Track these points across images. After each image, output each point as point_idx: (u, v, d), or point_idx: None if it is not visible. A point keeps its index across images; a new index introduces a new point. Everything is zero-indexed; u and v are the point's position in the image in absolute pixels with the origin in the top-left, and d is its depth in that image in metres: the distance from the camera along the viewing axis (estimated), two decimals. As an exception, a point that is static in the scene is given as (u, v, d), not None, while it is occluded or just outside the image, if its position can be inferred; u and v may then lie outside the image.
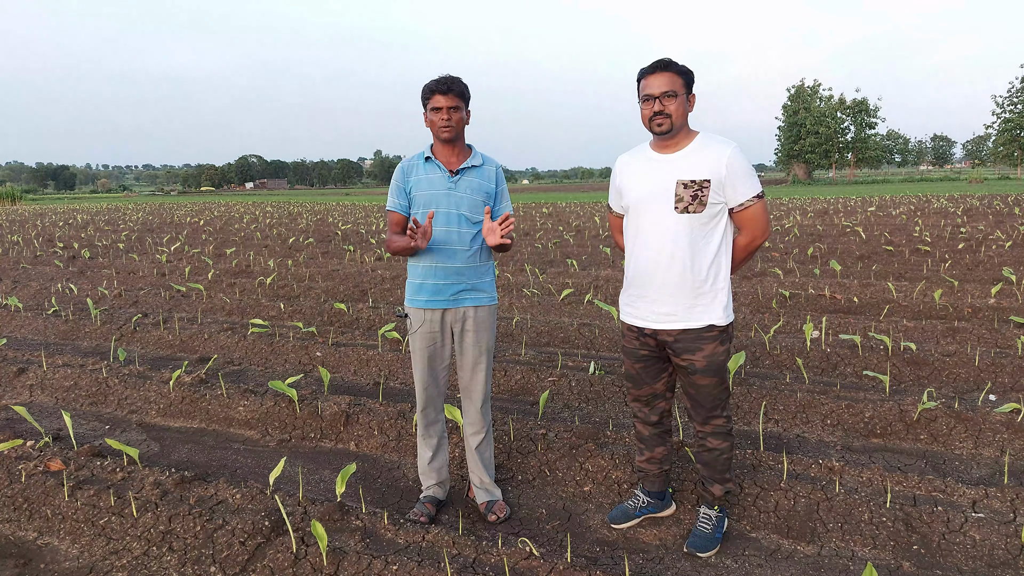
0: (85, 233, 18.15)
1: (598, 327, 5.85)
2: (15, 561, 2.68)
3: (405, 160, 2.90)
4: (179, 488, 3.03)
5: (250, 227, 19.15)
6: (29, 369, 5.00)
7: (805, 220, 16.87)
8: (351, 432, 3.86)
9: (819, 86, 70.64)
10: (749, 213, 2.50)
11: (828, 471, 3.12)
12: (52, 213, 32.02)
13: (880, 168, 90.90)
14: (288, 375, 5.13)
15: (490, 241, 2.71)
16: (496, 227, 2.68)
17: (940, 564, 2.54)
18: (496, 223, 2.68)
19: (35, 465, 3.22)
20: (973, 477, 3.24)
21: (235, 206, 37.75)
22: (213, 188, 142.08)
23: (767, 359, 5.00)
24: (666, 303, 2.54)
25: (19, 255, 13.05)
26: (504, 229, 2.66)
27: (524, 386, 4.63)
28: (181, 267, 10.52)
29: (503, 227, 2.66)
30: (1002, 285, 6.95)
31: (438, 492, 3.06)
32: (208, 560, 2.55)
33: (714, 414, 2.64)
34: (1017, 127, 57.64)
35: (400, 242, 2.73)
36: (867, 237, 12.43)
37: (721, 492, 2.73)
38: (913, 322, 5.67)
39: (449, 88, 2.68)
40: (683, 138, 2.52)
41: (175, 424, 4.24)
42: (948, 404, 3.83)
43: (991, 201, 22.36)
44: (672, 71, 2.44)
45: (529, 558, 2.43)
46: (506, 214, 2.68)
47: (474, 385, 2.93)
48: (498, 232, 2.67)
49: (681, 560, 2.64)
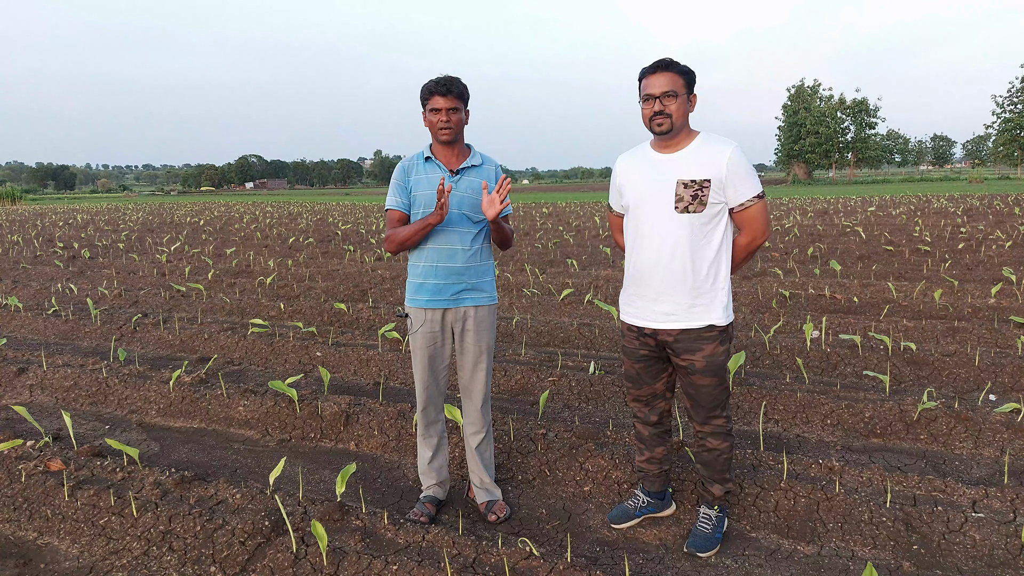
0: (85, 233, 18.16)
1: (598, 327, 5.85)
2: (15, 561, 2.68)
3: (405, 159, 2.90)
4: (179, 488, 3.03)
5: (250, 227, 19.15)
6: (29, 369, 5.00)
7: (805, 220, 16.87)
8: (351, 432, 3.86)
9: (819, 86, 70.70)
10: (749, 213, 2.50)
11: (828, 471, 3.12)
12: (52, 213, 32.03)
13: (880, 168, 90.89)
14: (288, 375, 5.13)
15: (490, 214, 2.68)
16: (495, 197, 2.67)
17: (940, 564, 2.54)
18: (494, 192, 2.68)
19: (35, 465, 3.22)
20: (973, 477, 3.24)
21: (235, 206, 37.75)
22: (213, 188, 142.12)
23: (767, 359, 5.00)
24: (666, 303, 2.54)
25: (19, 255, 13.05)
26: (503, 193, 2.66)
27: (524, 386, 4.63)
28: (181, 267, 10.52)
29: (501, 192, 2.66)
30: (1002, 285, 6.96)
31: (438, 492, 3.06)
32: (208, 560, 2.55)
33: (714, 414, 2.64)
34: (1017, 127, 57.66)
35: (409, 228, 2.72)
36: (867, 237, 12.43)
37: (721, 492, 2.73)
38: (913, 322, 5.67)
39: (448, 89, 2.67)
40: (684, 138, 2.52)
41: (175, 424, 4.24)
42: (948, 404, 3.83)
43: (991, 201, 22.36)
44: (673, 71, 2.44)
45: (529, 558, 2.43)
46: (503, 176, 2.69)
47: (474, 385, 2.93)
48: (497, 201, 2.67)
49: (681, 560, 2.64)
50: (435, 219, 2.65)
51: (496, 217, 2.70)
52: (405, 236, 2.73)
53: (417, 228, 2.70)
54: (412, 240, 2.73)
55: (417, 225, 2.70)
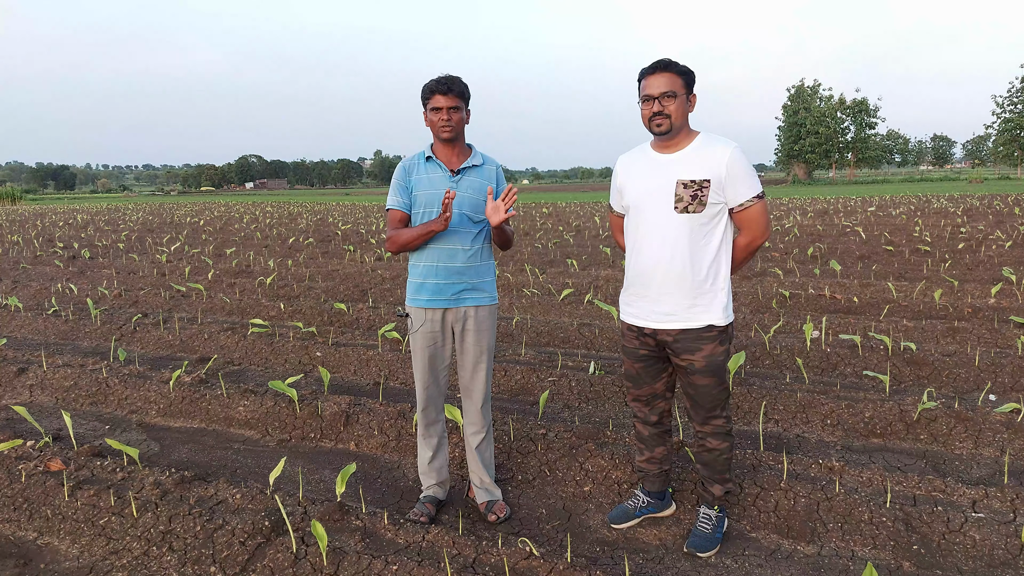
0: (85, 233, 18.16)
1: (598, 327, 5.85)
2: (15, 561, 2.68)
3: (406, 159, 2.90)
4: (179, 488, 3.03)
5: (250, 227, 19.15)
6: (29, 369, 5.00)
7: (805, 220, 16.87)
8: (351, 432, 3.86)
9: (819, 86, 70.69)
10: (749, 213, 2.50)
11: (828, 471, 3.12)
12: (52, 213, 32.03)
13: (880, 168, 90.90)
14: (288, 375, 5.13)
15: (494, 220, 2.69)
16: (500, 205, 2.67)
17: (940, 564, 2.54)
18: (499, 200, 2.67)
19: (35, 465, 3.22)
20: (973, 477, 3.24)
21: (235, 206, 37.75)
22: (213, 188, 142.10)
23: (767, 359, 5.00)
24: (666, 303, 2.54)
25: (19, 255, 13.05)
26: (508, 203, 2.66)
27: (524, 386, 4.63)
28: (181, 267, 10.52)
29: (507, 201, 2.66)
30: (1002, 285, 6.96)
31: (438, 492, 3.06)
32: (208, 560, 2.55)
33: (713, 414, 2.64)
34: (1017, 127, 57.65)
35: (411, 232, 2.72)
36: (867, 237, 12.43)
37: (721, 492, 2.73)
38: (913, 322, 5.67)
39: (449, 88, 2.68)
40: (683, 138, 2.52)
41: (175, 424, 4.24)
42: (948, 404, 3.83)
43: (991, 201, 22.36)
44: (672, 71, 2.44)
45: (529, 558, 2.43)
46: (510, 186, 2.69)
47: (474, 385, 2.93)
48: (503, 209, 2.66)
49: (681, 560, 2.64)
50: (438, 226, 2.65)
51: (500, 224, 2.70)
52: (407, 239, 2.74)
53: (420, 233, 2.70)
54: (414, 244, 2.74)
55: (420, 230, 2.70)
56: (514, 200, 2.67)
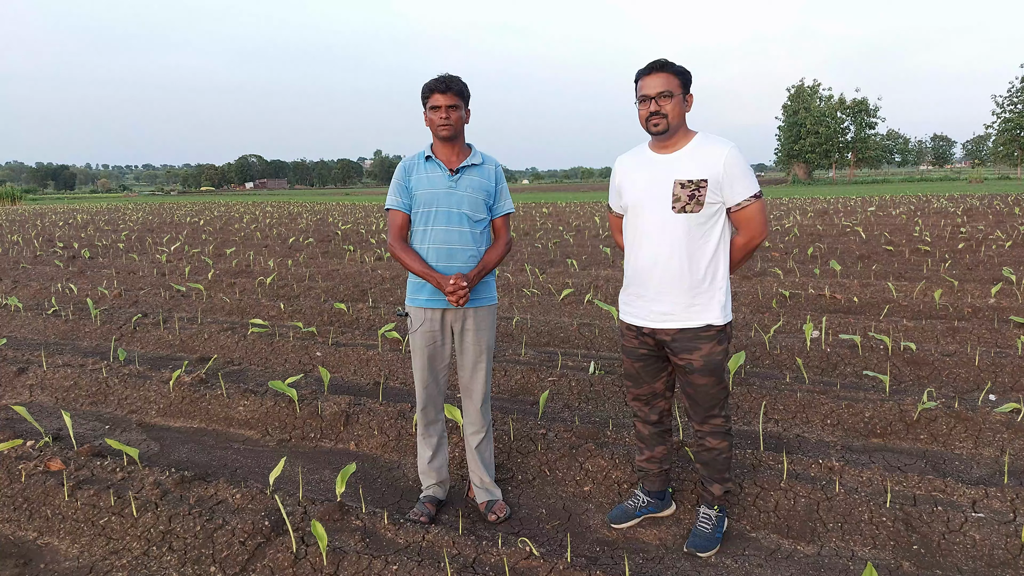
0: (85, 233, 18.16)
1: (598, 327, 5.85)
2: (15, 561, 2.69)
3: (406, 159, 2.90)
4: (179, 488, 3.03)
5: (250, 227, 19.15)
6: (29, 369, 5.01)
7: (805, 220, 16.87)
8: (351, 432, 3.86)
9: (819, 86, 70.61)
10: (747, 213, 2.50)
11: (828, 471, 3.12)
12: (52, 213, 32.03)
13: (880, 168, 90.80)
14: (288, 375, 5.13)
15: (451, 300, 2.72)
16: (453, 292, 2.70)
17: (940, 564, 2.54)
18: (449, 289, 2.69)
19: (35, 465, 3.22)
20: (973, 477, 3.24)
21: (235, 206, 37.75)
22: (213, 188, 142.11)
23: (767, 359, 5.00)
24: (664, 302, 2.54)
25: (19, 255, 13.05)
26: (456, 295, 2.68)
27: (524, 386, 4.63)
28: (181, 267, 10.52)
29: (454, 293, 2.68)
30: (1002, 285, 6.96)
31: (438, 492, 3.06)
32: (208, 560, 2.55)
33: (712, 414, 2.64)
34: (1017, 127, 57.59)
35: (416, 264, 2.74)
36: (867, 237, 12.43)
37: (721, 492, 2.73)
38: (913, 322, 5.67)
39: (448, 87, 2.68)
40: (681, 138, 2.52)
41: (175, 424, 4.24)
42: (948, 404, 3.83)
43: (991, 201, 22.36)
44: (668, 71, 2.44)
45: (529, 558, 2.43)
46: (457, 275, 2.69)
47: (474, 384, 2.93)
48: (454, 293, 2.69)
49: (681, 560, 2.64)
50: (447, 298, 2.70)
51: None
52: (407, 264, 2.77)
53: (422, 272, 2.73)
54: (411, 271, 2.78)
55: (425, 272, 2.73)
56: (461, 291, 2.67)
